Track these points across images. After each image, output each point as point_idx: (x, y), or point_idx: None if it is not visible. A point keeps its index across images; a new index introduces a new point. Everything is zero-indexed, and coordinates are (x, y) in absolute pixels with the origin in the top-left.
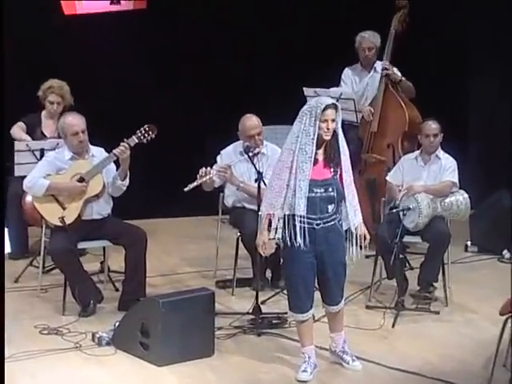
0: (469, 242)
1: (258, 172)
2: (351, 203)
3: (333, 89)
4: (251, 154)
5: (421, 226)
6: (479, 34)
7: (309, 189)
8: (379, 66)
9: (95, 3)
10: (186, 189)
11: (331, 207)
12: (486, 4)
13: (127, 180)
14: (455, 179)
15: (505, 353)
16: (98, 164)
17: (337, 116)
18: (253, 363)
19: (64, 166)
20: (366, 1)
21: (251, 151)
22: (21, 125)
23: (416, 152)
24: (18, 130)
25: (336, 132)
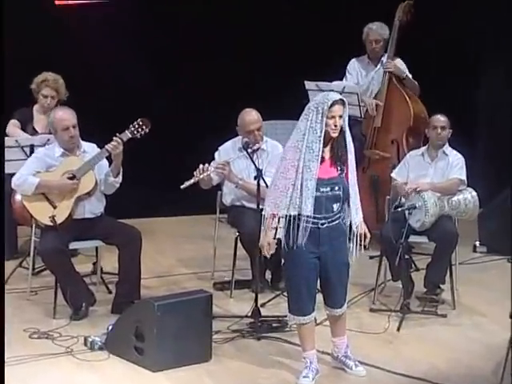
0: (477, 242)
1: (258, 169)
2: (354, 202)
3: (335, 82)
4: (250, 151)
5: (427, 226)
6: (481, 34)
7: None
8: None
9: None
10: (183, 186)
11: (336, 206)
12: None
13: (120, 177)
14: (463, 176)
15: None
16: (90, 160)
17: (344, 112)
18: (252, 368)
19: (54, 163)
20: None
21: (250, 147)
22: (15, 122)
23: (422, 148)
24: (14, 129)
25: (343, 129)
